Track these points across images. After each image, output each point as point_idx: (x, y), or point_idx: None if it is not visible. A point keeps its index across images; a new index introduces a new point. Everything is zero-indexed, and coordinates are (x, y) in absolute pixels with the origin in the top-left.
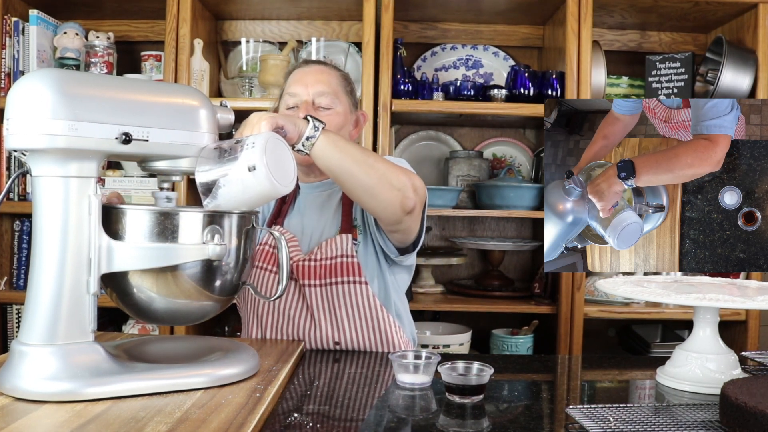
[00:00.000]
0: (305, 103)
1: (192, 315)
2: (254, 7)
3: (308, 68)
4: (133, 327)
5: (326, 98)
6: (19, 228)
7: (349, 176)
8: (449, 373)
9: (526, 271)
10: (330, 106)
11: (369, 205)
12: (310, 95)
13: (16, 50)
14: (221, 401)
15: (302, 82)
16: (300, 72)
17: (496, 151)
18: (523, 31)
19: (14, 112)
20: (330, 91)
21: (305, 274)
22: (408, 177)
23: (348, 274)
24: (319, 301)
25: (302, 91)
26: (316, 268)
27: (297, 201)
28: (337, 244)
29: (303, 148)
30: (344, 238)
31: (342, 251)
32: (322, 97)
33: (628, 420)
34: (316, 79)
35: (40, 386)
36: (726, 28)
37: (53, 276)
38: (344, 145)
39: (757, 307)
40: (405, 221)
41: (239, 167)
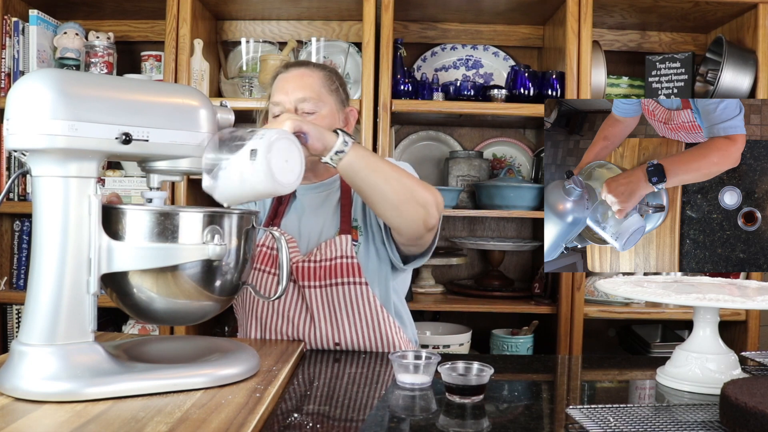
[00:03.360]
0: (288, 112)
1: (192, 315)
2: (254, 7)
3: (288, 74)
4: (133, 327)
5: (308, 103)
6: (19, 228)
7: (376, 192)
8: (449, 373)
9: (526, 271)
10: (313, 111)
11: (393, 221)
12: (291, 103)
13: (16, 50)
14: (221, 401)
15: (283, 90)
16: (281, 79)
17: (496, 151)
18: (523, 31)
19: (14, 112)
20: (312, 95)
21: (305, 275)
22: (432, 194)
23: (348, 275)
24: (319, 303)
25: (284, 99)
26: (315, 270)
27: (294, 202)
28: (336, 245)
29: (331, 162)
30: (344, 239)
31: (342, 252)
32: (304, 103)
33: (628, 420)
34: (296, 85)
35: (40, 386)
36: (726, 28)
37: (53, 276)
38: (374, 160)
39: (757, 307)
40: (425, 237)
41: (242, 153)
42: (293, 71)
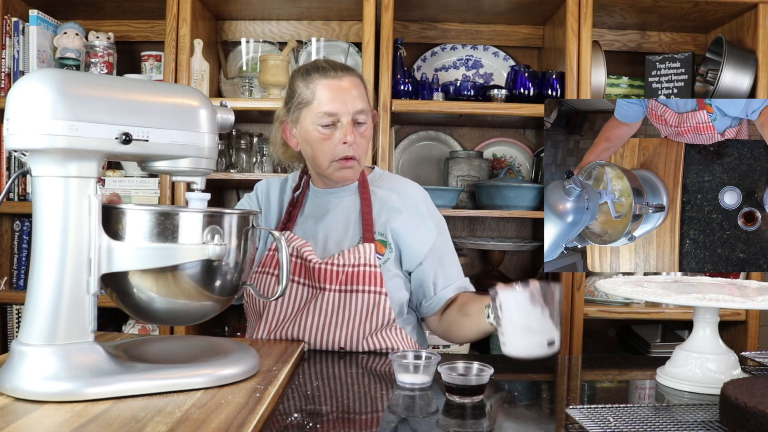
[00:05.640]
0: (349, 126)
1: (192, 315)
2: (254, 7)
3: (340, 81)
4: (133, 327)
5: (363, 115)
6: (19, 228)
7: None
8: (449, 373)
9: (526, 271)
10: (366, 121)
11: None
12: (350, 115)
13: (16, 50)
14: (221, 401)
15: (340, 100)
16: (332, 85)
17: (496, 151)
18: (523, 31)
19: (14, 112)
20: (365, 107)
21: (325, 277)
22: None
23: (369, 283)
24: (334, 307)
25: (341, 109)
26: (337, 273)
27: (309, 205)
28: (360, 253)
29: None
30: (368, 247)
31: (365, 260)
32: (361, 114)
33: (628, 420)
34: (353, 95)
35: (40, 386)
36: (726, 28)
37: (53, 276)
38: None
39: (757, 307)
40: None
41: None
42: (345, 79)
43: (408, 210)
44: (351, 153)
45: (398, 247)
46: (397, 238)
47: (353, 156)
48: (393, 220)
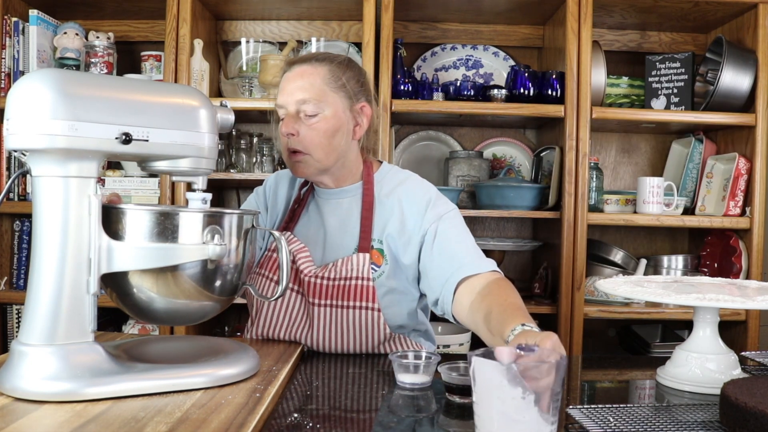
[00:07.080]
0: (289, 117)
1: (192, 315)
2: (254, 7)
3: (291, 72)
4: (133, 327)
5: (309, 105)
6: (19, 228)
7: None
8: (449, 373)
9: (526, 271)
10: (315, 113)
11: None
12: (293, 105)
13: (16, 50)
14: (221, 401)
15: (286, 91)
16: (285, 78)
17: (496, 151)
18: (523, 31)
19: (14, 112)
20: (312, 96)
21: (315, 292)
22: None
23: (361, 299)
24: (326, 322)
25: (285, 100)
26: (327, 288)
27: (312, 205)
28: (353, 265)
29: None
30: (361, 258)
31: (358, 273)
32: (305, 104)
33: (628, 420)
34: (296, 85)
35: (40, 386)
36: (726, 28)
37: (53, 276)
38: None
39: (757, 307)
40: None
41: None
42: (295, 69)
43: (408, 213)
44: (294, 146)
45: (393, 258)
46: (390, 246)
47: (299, 149)
48: (389, 226)
